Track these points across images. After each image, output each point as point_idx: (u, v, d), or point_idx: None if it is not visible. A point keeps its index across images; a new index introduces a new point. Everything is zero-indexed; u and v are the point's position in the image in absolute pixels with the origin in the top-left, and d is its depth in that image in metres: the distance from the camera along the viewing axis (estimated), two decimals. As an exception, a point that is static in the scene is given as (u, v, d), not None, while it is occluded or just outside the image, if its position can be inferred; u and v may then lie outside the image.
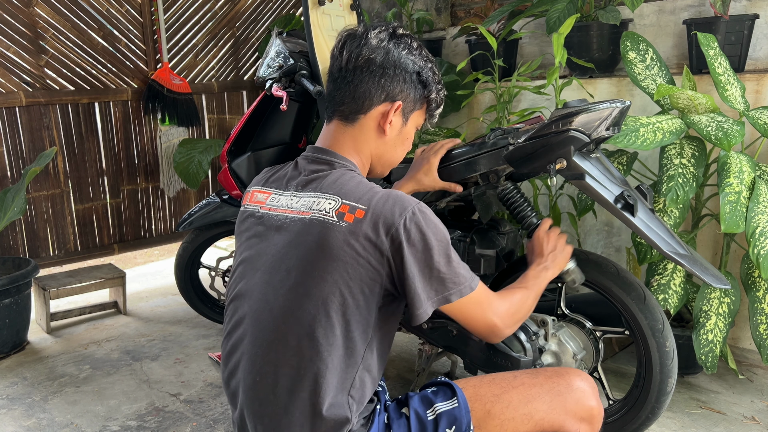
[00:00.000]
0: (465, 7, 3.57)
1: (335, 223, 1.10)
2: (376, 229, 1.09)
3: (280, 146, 2.46)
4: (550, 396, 1.19)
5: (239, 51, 3.93)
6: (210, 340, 2.75)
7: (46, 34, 3.19)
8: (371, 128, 1.24)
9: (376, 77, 1.21)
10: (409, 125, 1.28)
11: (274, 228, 1.19)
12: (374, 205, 1.11)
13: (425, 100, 1.29)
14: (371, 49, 1.21)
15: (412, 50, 1.24)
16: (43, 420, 2.13)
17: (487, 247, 1.92)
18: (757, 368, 2.39)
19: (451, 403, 1.17)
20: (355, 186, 1.15)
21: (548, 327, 1.77)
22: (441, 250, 1.12)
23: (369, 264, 1.09)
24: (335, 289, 1.09)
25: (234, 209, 2.57)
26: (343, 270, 1.09)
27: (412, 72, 1.23)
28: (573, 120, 1.60)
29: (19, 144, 3.17)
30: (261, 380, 1.12)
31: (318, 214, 1.13)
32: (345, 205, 1.12)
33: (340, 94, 1.23)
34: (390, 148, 1.28)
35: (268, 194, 1.24)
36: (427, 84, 1.26)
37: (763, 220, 1.91)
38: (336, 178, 1.17)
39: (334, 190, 1.15)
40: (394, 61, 1.21)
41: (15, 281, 2.58)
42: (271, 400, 1.11)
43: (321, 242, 1.10)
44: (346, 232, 1.09)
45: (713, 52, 2.18)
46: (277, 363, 1.11)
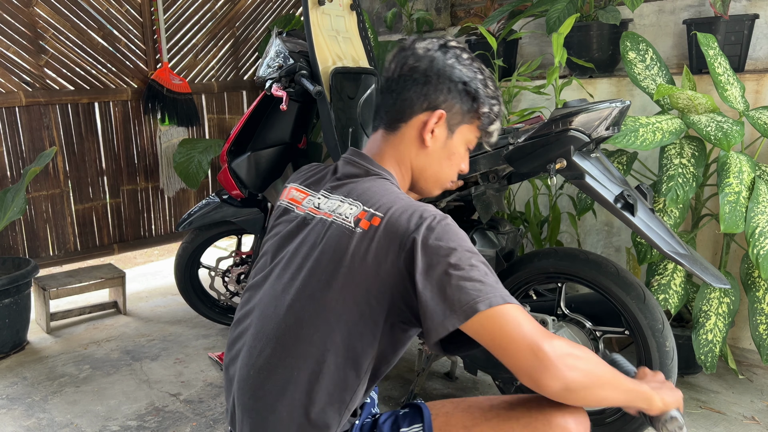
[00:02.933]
0: (465, 7, 3.57)
1: (351, 229, 1.07)
2: (389, 237, 1.04)
3: (280, 146, 2.47)
4: (520, 426, 1.05)
5: (239, 51, 3.93)
6: (210, 340, 2.75)
7: (46, 34, 3.19)
8: (412, 138, 1.20)
9: (418, 85, 1.17)
10: (455, 139, 1.21)
11: (297, 226, 1.18)
12: (391, 213, 1.06)
13: (475, 114, 1.20)
14: (417, 58, 1.18)
15: (460, 60, 1.19)
16: (43, 420, 2.13)
17: (487, 247, 1.92)
18: (757, 368, 2.39)
19: (414, 429, 1.13)
20: (381, 194, 1.10)
21: (548, 327, 1.77)
22: (462, 257, 0.99)
23: (378, 275, 1.04)
24: (340, 296, 1.06)
25: (234, 209, 2.57)
26: (351, 278, 1.05)
27: (458, 81, 1.17)
28: (573, 120, 1.60)
29: (19, 144, 3.17)
30: (255, 374, 1.12)
31: (338, 218, 1.10)
32: (364, 212, 1.08)
33: (385, 103, 1.21)
34: (434, 161, 1.21)
35: (306, 195, 1.23)
36: (477, 96, 1.19)
37: (763, 220, 1.91)
38: (366, 186, 1.13)
39: (360, 196, 1.11)
40: (438, 70, 1.17)
41: (15, 281, 2.58)
42: (261, 396, 1.11)
43: (334, 247, 1.07)
44: (359, 239, 1.05)
45: (713, 52, 2.18)
46: (273, 360, 1.10)
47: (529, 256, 1.92)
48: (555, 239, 2.53)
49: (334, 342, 1.07)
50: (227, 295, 2.77)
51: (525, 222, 2.62)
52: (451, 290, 0.97)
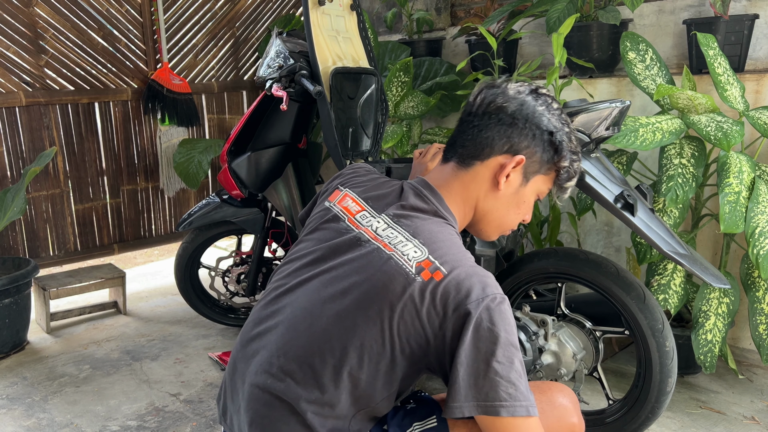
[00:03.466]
0: (465, 7, 3.57)
1: (410, 274, 1.04)
2: (446, 298, 1.01)
3: (281, 146, 2.47)
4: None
5: (239, 51, 3.93)
6: (210, 340, 2.75)
7: (46, 34, 3.19)
8: (485, 178, 1.16)
9: (503, 126, 1.14)
10: (529, 188, 1.18)
11: (349, 242, 1.13)
12: (456, 274, 1.03)
13: (554, 167, 1.18)
14: (506, 98, 1.15)
15: (550, 109, 1.16)
16: (43, 420, 2.13)
17: (487, 247, 1.92)
18: (757, 368, 2.39)
19: (430, 422, 1.14)
20: (449, 246, 1.08)
21: (548, 327, 1.77)
22: (507, 351, 0.99)
23: (423, 330, 1.02)
24: (380, 337, 1.04)
25: (234, 209, 2.57)
26: (395, 323, 1.03)
27: (545, 130, 1.14)
28: (573, 120, 1.60)
29: (19, 144, 3.17)
30: (272, 384, 1.10)
31: (399, 256, 1.06)
32: (428, 261, 1.04)
33: (462, 137, 1.17)
34: (501, 206, 1.18)
35: (362, 209, 1.18)
36: (560, 149, 1.16)
37: (763, 220, 1.91)
38: (435, 230, 1.10)
39: (426, 240, 1.08)
40: (527, 115, 1.14)
41: (15, 281, 2.58)
42: (277, 406, 1.09)
43: (388, 285, 1.04)
44: (416, 287, 1.02)
45: (713, 52, 2.18)
46: (295, 378, 1.08)
47: (529, 256, 1.92)
48: (555, 239, 2.53)
49: (359, 379, 1.06)
50: (227, 295, 2.77)
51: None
52: (483, 381, 0.98)
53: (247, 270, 2.69)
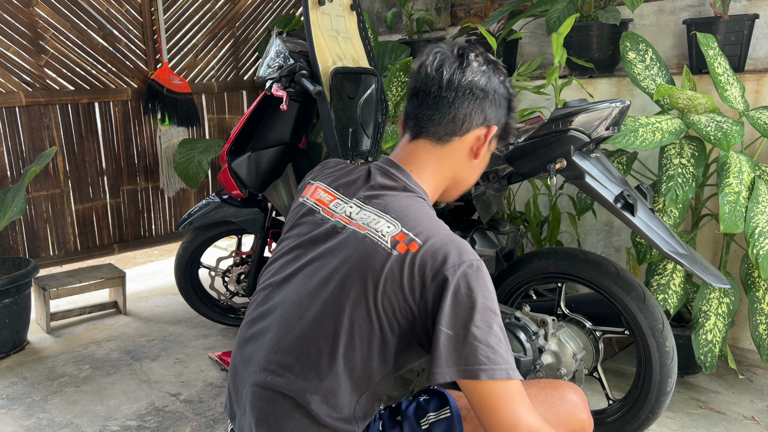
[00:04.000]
0: (465, 7, 3.57)
1: (387, 249, 1.06)
2: (423, 267, 1.03)
3: (280, 146, 2.47)
4: (544, 407, 1.18)
5: (239, 51, 3.93)
6: (210, 340, 2.75)
7: (46, 34, 3.19)
8: (463, 151, 1.20)
9: (478, 100, 1.17)
10: (490, 150, 1.25)
11: (326, 232, 1.16)
12: (431, 243, 1.05)
13: (507, 127, 1.25)
14: (475, 72, 1.17)
15: (505, 78, 1.22)
16: (43, 420, 2.13)
17: (487, 247, 1.92)
18: (757, 368, 2.39)
19: (443, 413, 1.17)
20: (421, 216, 1.10)
21: (548, 327, 1.77)
22: (485, 316, 1.01)
23: (406, 302, 1.05)
24: (367, 316, 1.06)
25: (234, 209, 2.57)
26: (380, 300, 1.05)
27: (506, 98, 1.21)
28: (573, 120, 1.60)
29: (19, 144, 3.17)
30: (272, 380, 1.11)
31: (374, 234, 1.09)
32: (402, 234, 1.07)
33: (437, 114, 1.17)
34: (474, 172, 1.24)
35: (334, 198, 1.20)
36: (512, 111, 1.24)
37: (763, 220, 1.91)
38: (405, 204, 1.13)
39: (398, 214, 1.10)
40: (495, 87, 1.18)
41: (15, 281, 2.58)
42: (280, 402, 1.10)
43: (367, 263, 1.06)
44: (394, 261, 1.05)
45: (713, 52, 2.18)
46: (294, 370, 1.10)
47: (529, 256, 1.92)
48: (555, 239, 2.53)
49: (354, 359, 1.07)
50: (227, 295, 2.77)
51: (525, 222, 2.62)
52: (462, 346, 1.00)
53: (247, 270, 2.69)
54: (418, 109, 1.19)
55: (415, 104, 1.19)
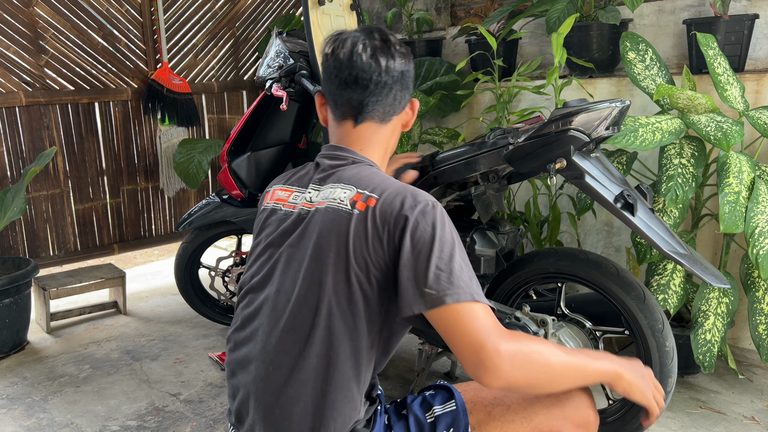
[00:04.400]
0: (465, 7, 3.57)
1: (348, 211, 1.12)
2: (384, 216, 1.09)
3: (280, 146, 2.47)
4: (550, 401, 1.20)
5: (239, 51, 3.93)
6: (210, 340, 2.75)
7: (46, 34, 3.19)
8: (398, 125, 1.31)
9: (406, 80, 1.28)
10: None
11: (293, 222, 1.21)
12: (387, 194, 1.12)
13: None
14: (401, 57, 1.27)
15: (410, 57, 1.33)
16: (43, 420, 2.13)
17: (487, 247, 1.92)
18: (757, 368, 2.39)
19: (449, 406, 1.19)
20: (372, 177, 1.17)
21: (548, 327, 1.77)
22: (446, 247, 1.06)
23: (377, 254, 1.09)
24: (346, 278, 1.09)
25: (234, 209, 2.57)
26: (353, 258, 1.09)
27: (411, 72, 1.32)
28: (573, 120, 1.60)
29: (19, 144, 3.17)
30: (274, 370, 1.13)
31: (333, 202, 1.15)
32: (359, 194, 1.13)
33: (382, 98, 1.25)
34: (398, 139, 1.35)
35: (291, 192, 1.27)
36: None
37: (763, 220, 1.91)
38: (355, 172, 1.19)
39: (351, 180, 1.17)
40: (410, 68, 1.30)
41: (15, 281, 2.58)
42: (284, 391, 1.12)
43: (334, 230, 1.11)
44: (357, 219, 1.10)
45: (713, 52, 2.18)
46: (292, 353, 1.12)
47: (529, 256, 1.92)
48: (555, 239, 2.53)
49: (346, 325, 1.10)
50: (227, 295, 2.77)
51: (525, 222, 2.63)
52: (426, 277, 1.04)
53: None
54: (363, 96, 1.24)
55: (357, 91, 1.24)
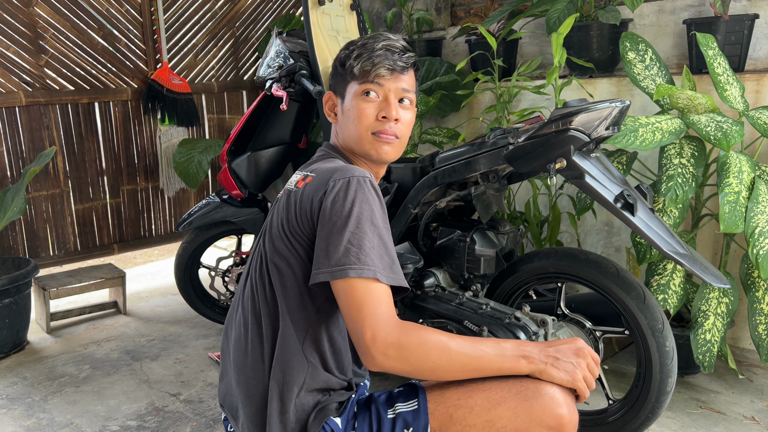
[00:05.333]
0: (465, 7, 3.57)
1: (290, 188, 1.21)
2: (314, 191, 1.14)
3: (280, 146, 2.47)
4: (516, 401, 1.10)
5: (239, 51, 3.93)
6: (210, 340, 2.75)
7: (46, 34, 3.19)
8: (330, 119, 1.37)
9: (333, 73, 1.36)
10: (346, 101, 1.30)
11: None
12: (322, 172, 1.17)
13: (344, 73, 1.31)
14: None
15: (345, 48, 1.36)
16: (43, 420, 2.13)
17: (487, 247, 1.92)
18: (757, 368, 2.39)
19: (410, 405, 1.18)
20: (324, 164, 1.23)
21: (548, 327, 1.77)
22: (362, 223, 1.08)
23: (307, 220, 1.14)
24: (284, 244, 1.16)
25: (234, 209, 2.57)
26: (288, 227, 1.16)
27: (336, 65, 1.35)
28: (573, 119, 1.60)
29: (19, 144, 3.17)
30: (236, 344, 1.24)
31: (288, 185, 1.24)
32: (303, 175, 1.21)
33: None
34: (344, 129, 1.32)
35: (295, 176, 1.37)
36: (337, 65, 1.33)
37: (763, 220, 1.91)
38: (315, 161, 1.29)
39: (308, 166, 1.26)
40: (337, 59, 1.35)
41: (15, 281, 2.58)
42: (246, 350, 1.22)
43: (280, 206, 1.20)
44: (294, 193, 1.18)
45: (712, 52, 2.18)
46: (248, 327, 1.21)
47: (529, 256, 1.92)
48: (555, 239, 2.53)
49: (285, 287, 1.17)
50: (227, 295, 2.77)
51: (525, 222, 2.63)
52: (335, 249, 1.06)
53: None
54: None
55: None
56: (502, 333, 1.74)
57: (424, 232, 2.04)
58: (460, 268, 1.94)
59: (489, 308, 1.83)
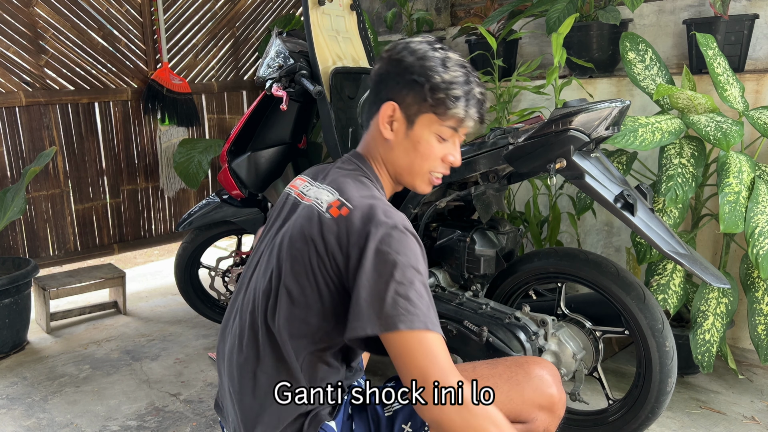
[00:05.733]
0: (465, 7, 3.57)
1: (321, 214, 1.13)
2: (350, 227, 1.09)
3: (281, 146, 2.47)
4: (508, 386, 1.17)
5: (239, 51, 3.93)
6: (210, 340, 2.75)
7: (46, 34, 3.19)
8: (378, 132, 1.24)
9: (376, 85, 1.25)
10: (417, 129, 1.20)
11: (291, 210, 1.24)
12: (362, 207, 1.11)
13: (432, 102, 1.18)
14: (381, 62, 1.25)
15: (411, 51, 1.21)
16: (43, 420, 2.13)
17: (487, 247, 1.92)
18: (757, 368, 2.39)
19: (406, 400, 1.18)
20: (358, 189, 1.16)
21: (548, 327, 1.77)
22: (407, 272, 1.04)
23: (335, 258, 1.09)
24: (305, 272, 1.11)
25: (234, 209, 2.57)
26: (314, 259, 1.10)
27: (404, 72, 1.20)
28: (573, 119, 1.60)
29: (19, 144, 3.17)
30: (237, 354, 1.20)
31: (315, 202, 1.17)
32: (337, 201, 1.14)
33: (366, 102, 1.29)
34: (399, 153, 1.23)
35: (304, 182, 1.29)
36: (425, 84, 1.17)
37: (762, 220, 1.91)
38: (347, 179, 1.20)
39: (338, 186, 1.18)
40: (388, 68, 1.23)
41: (15, 281, 2.58)
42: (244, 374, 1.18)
43: (305, 226, 1.13)
44: (326, 223, 1.11)
45: (712, 52, 2.18)
46: (243, 341, 1.18)
47: (529, 256, 1.92)
48: (555, 239, 2.53)
49: (293, 314, 1.12)
50: (227, 295, 2.77)
51: (525, 222, 2.63)
52: (382, 301, 1.02)
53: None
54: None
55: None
56: (502, 333, 1.74)
57: (424, 232, 2.04)
58: (460, 268, 1.94)
59: (489, 308, 1.83)
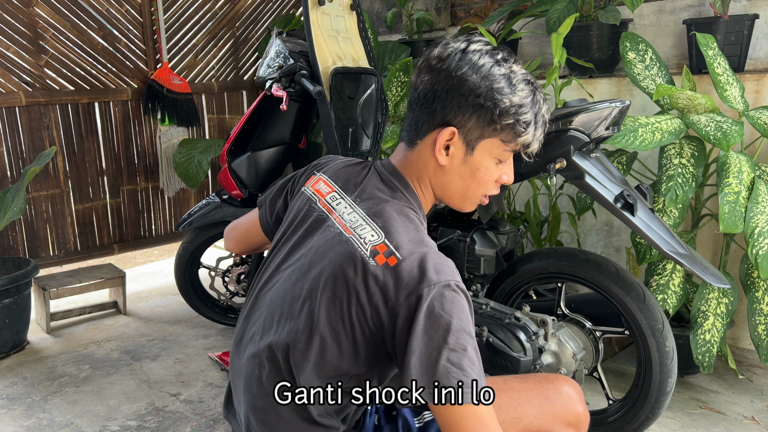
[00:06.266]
0: (465, 7, 3.57)
1: (365, 259, 1.03)
2: (398, 283, 1.00)
3: (281, 146, 2.47)
4: (540, 401, 1.20)
5: (239, 51, 3.93)
6: (210, 340, 2.75)
7: (46, 34, 3.19)
8: (428, 155, 1.12)
9: (428, 101, 1.10)
10: (477, 155, 1.10)
11: (318, 225, 1.15)
12: (411, 259, 1.02)
13: (497, 127, 1.08)
14: (430, 70, 1.11)
15: (475, 68, 1.07)
16: (43, 420, 2.13)
17: (487, 247, 1.92)
18: (757, 368, 2.39)
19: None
20: (405, 231, 1.06)
21: (548, 327, 1.77)
22: (460, 338, 0.97)
23: (378, 311, 1.02)
24: (340, 317, 1.05)
25: (234, 209, 2.57)
26: (353, 303, 1.03)
27: (468, 95, 1.06)
28: (573, 119, 1.61)
29: (19, 144, 3.17)
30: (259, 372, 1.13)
31: (357, 239, 1.06)
32: (384, 246, 1.04)
33: (407, 117, 1.15)
34: (455, 179, 1.13)
35: (332, 190, 1.18)
36: (494, 108, 1.06)
37: (762, 220, 1.91)
38: (393, 214, 1.09)
39: (384, 224, 1.07)
40: (448, 84, 1.08)
41: (15, 281, 2.58)
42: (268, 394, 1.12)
43: (346, 268, 1.04)
44: (371, 271, 1.02)
45: (712, 52, 2.18)
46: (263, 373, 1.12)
47: (529, 256, 1.92)
48: (555, 239, 2.53)
49: (323, 359, 1.07)
50: (227, 295, 2.77)
51: (525, 222, 2.63)
52: (435, 368, 0.96)
53: (247, 270, 2.69)
54: (405, 115, 1.17)
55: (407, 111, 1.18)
56: (502, 333, 1.74)
57: (424, 232, 2.04)
58: (460, 268, 1.94)
59: (489, 308, 1.83)
